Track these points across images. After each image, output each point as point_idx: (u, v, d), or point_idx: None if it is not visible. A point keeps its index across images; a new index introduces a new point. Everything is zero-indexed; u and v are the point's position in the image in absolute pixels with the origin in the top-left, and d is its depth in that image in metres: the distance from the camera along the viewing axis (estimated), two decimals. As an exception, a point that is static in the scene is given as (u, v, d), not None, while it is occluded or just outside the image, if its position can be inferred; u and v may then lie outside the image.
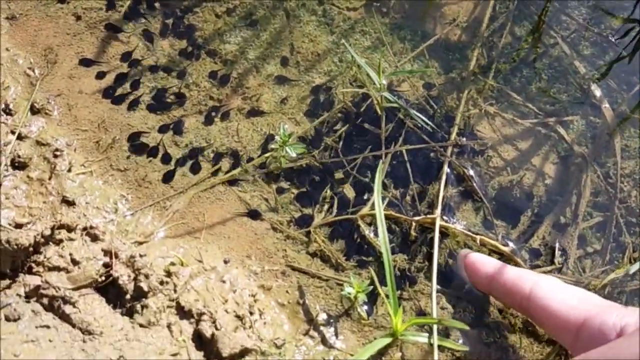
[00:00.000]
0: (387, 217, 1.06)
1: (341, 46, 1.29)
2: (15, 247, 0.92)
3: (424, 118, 1.15)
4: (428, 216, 1.05)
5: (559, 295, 0.84)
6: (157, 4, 1.34)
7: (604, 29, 1.29)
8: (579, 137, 1.18)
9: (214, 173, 1.15)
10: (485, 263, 0.96)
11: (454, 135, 1.16)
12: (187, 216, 1.10)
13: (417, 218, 1.06)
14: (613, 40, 1.26)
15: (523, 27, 1.31)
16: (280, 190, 1.13)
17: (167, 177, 1.14)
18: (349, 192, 1.13)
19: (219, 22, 1.33)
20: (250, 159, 1.16)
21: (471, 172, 1.14)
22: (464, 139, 1.17)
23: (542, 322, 0.87)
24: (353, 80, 1.24)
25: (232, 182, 1.14)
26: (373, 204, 1.09)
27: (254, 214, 1.10)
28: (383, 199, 1.08)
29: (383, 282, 0.98)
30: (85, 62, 1.25)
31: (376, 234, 1.06)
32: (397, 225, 1.08)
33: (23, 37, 1.28)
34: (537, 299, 0.86)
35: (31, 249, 0.95)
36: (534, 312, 0.86)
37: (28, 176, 1.10)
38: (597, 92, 1.20)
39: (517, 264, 1.03)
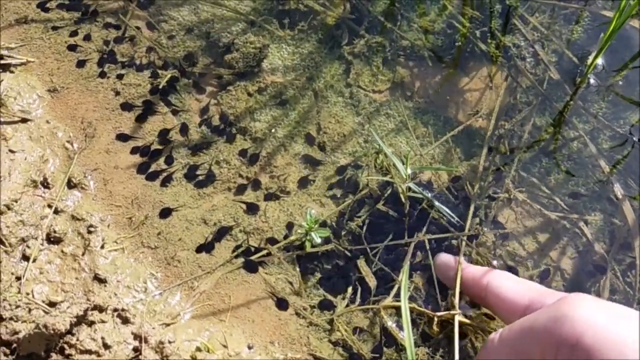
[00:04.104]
0: (409, 310, 1.08)
1: (366, 127, 1.34)
2: (52, 332, 0.95)
3: (447, 210, 1.19)
4: (450, 312, 1.07)
5: (509, 284, 0.97)
6: (191, 80, 1.40)
7: (623, 124, 1.33)
8: (597, 233, 1.21)
9: (241, 254, 1.18)
10: (453, 263, 1.10)
11: (467, 225, 1.19)
12: (213, 297, 1.13)
13: (439, 313, 1.08)
14: (635, 139, 1.30)
15: (543, 118, 1.35)
16: (304, 274, 1.16)
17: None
18: (371, 280, 1.15)
19: (250, 100, 1.38)
20: (276, 241, 1.20)
21: (494, 263, 1.16)
22: (486, 229, 1.20)
23: (496, 309, 0.99)
24: (380, 167, 1.28)
25: (258, 263, 1.17)
26: (395, 295, 1.12)
27: (282, 304, 1.12)
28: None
29: (404, 377, 1.00)
30: (122, 137, 1.30)
31: (398, 326, 1.09)
32: (419, 317, 1.11)
33: (63, 110, 1.33)
34: (491, 288, 0.99)
35: (65, 331, 0.98)
36: (489, 300, 0.99)
37: (62, 251, 1.14)
38: (619, 192, 1.23)
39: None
